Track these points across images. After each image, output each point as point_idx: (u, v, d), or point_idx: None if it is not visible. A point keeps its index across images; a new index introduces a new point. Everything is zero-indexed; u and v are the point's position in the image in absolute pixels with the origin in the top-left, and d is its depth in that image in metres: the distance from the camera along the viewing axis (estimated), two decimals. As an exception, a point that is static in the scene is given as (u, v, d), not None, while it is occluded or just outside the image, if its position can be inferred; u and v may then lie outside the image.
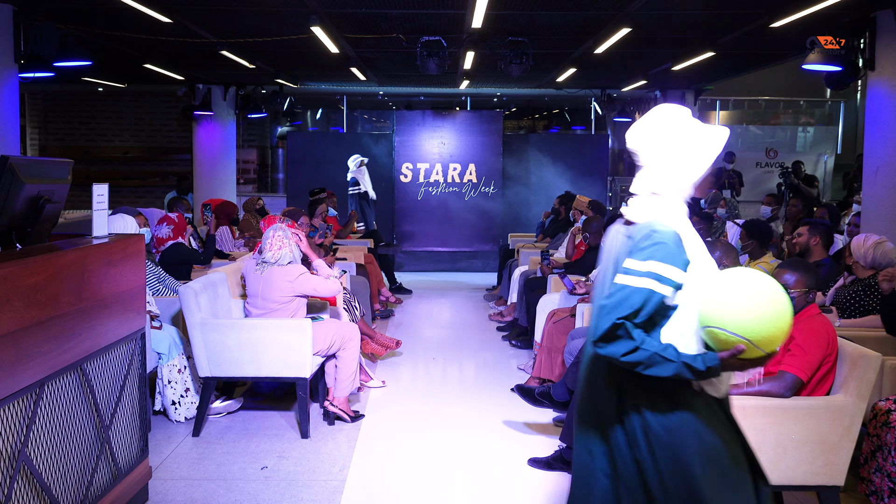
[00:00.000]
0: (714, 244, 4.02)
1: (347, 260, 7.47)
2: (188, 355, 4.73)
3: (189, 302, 4.41)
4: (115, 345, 3.28)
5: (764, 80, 12.88)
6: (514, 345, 6.79)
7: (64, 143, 13.31)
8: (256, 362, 4.44)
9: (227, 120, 11.23)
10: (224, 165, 11.26)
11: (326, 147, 11.54)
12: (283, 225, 4.74)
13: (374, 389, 5.47)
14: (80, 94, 13.12)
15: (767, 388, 3.29)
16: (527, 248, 8.52)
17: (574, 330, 4.90)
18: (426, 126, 11.14)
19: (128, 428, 3.43)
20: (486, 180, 11.13)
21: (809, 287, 3.39)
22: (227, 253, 7.20)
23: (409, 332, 7.41)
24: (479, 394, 5.47)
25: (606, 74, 10.08)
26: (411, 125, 11.14)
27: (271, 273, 4.56)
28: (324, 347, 4.64)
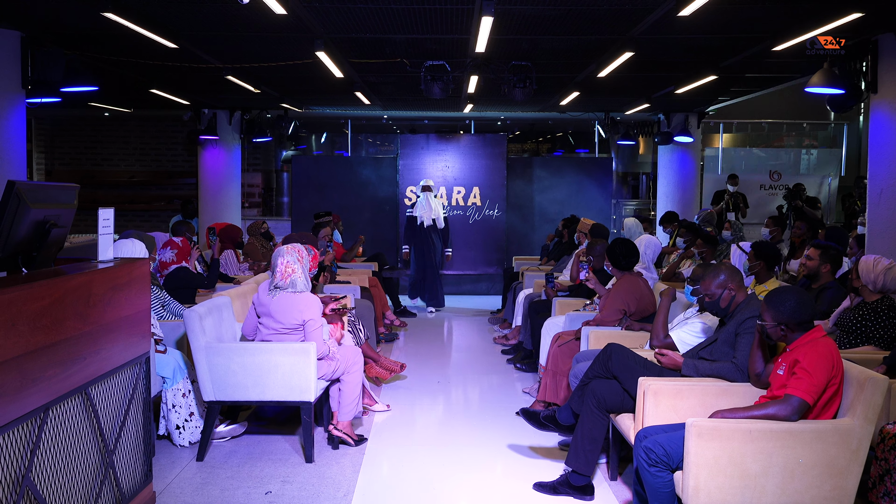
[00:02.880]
0: (718, 267, 4.03)
1: (352, 283, 7.47)
2: (192, 379, 4.72)
3: (193, 326, 4.41)
4: (120, 369, 3.29)
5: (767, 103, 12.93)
6: (518, 368, 6.77)
7: (70, 167, 13.40)
8: (261, 386, 4.44)
9: (232, 144, 11.30)
10: (229, 189, 11.32)
11: (331, 171, 11.59)
12: (290, 250, 4.65)
13: (378, 413, 5.45)
14: (86, 119, 13.23)
15: (774, 411, 3.28)
16: (531, 271, 8.52)
17: (579, 353, 4.88)
18: (430, 150, 11.19)
19: (132, 452, 3.42)
20: (491, 203, 11.16)
21: (779, 322, 3.40)
22: (231, 277, 7.21)
23: (413, 355, 7.39)
24: (484, 418, 5.44)
25: (609, 98, 10.14)
26: (415, 149, 11.20)
27: (282, 297, 4.55)
28: (328, 371, 4.63)
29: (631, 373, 3.97)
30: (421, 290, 9.76)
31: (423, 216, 9.58)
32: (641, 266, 6.21)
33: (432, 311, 9.69)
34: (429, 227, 9.59)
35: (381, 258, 9.55)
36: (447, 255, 9.83)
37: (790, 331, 3.41)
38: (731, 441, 3.21)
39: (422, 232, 9.59)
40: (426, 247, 9.66)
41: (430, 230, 9.60)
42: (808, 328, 3.41)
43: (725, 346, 3.87)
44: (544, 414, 4.60)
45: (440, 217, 9.67)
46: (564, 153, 16.25)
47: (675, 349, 4.33)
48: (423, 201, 9.59)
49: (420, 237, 9.60)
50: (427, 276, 9.67)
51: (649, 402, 3.67)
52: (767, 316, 3.44)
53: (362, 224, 11.27)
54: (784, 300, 3.40)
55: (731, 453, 3.20)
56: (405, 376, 6.49)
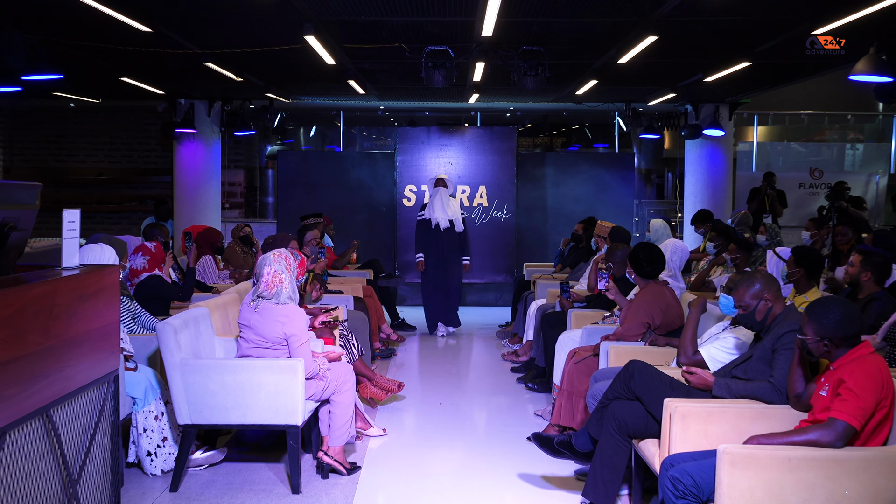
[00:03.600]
0: (753, 275, 4.02)
1: (344, 293, 7.47)
2: (166, 400, 4.72)
3: (167, 340, 4.41)
4: (86, 388, 3.28)
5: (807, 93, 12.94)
6: (530, 388, 6.76)
7: (31, 164, 13.44)
8: (242, 408, 4.43)
9: (211, 138, 11.33)
10: (208, 188, 11.34)
11: (321, 168, 11.61)
12: (276, 257, 4.62)
13: (373, 438, 5.44)
14: (49, 111, 13.27)
15: (816, 436, 3.27)
16: (544, 279, 8.52)
17: (598, 371, 4.88)
18: (431, 144, 11.21)
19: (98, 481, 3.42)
20: (499, 204, 11.17)
21: (822, 336, 3.39)
22: (210, 286, 7.21)
23: (412, 373, 7.38)
24: (492, 443, 5.43)
25: (631, 87, 10.14)
26: (415, 143, 11.21)
27: (264, 308, 4.55)
28: (317, 391, 4.63)
29: (656, 393, 3.96)
30: (441, 310, 9.09)
31: (438, 218, 8.90)
32: (667, 274, 6.21)
33: (444, 334, 9.13)
34: (445, 231, 8.92)
35: (376, 265, 9.55)
36: (465, 265, 9.09)
37: (834, 346, 3.40)
38: (769, 470, 3.19)
39: (437, 237, 8.92)
40: (445, 255, 8.98)
41: (447, 234, 8.94)
42: (854, 344, 3.41)
43: (761, 363, 3.86)
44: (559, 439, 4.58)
45: (458, 218, 8.99)
46: (581, 148, 16.27)
47: (705, 367, 4.32)
48: (436, 200, 8.93)
49: (436, 244, 8.95)
50: (450, 291, 9.05)
51: (676, 426, 3.66)
52: (809, 330, 3.44)
53: (356, 227, 11.28)
54: (827, 312, 3.40)
55: (769, 484, 3.19)
56: (403, 397, 6.48)
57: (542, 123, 16.21)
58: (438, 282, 9.03)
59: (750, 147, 13.56)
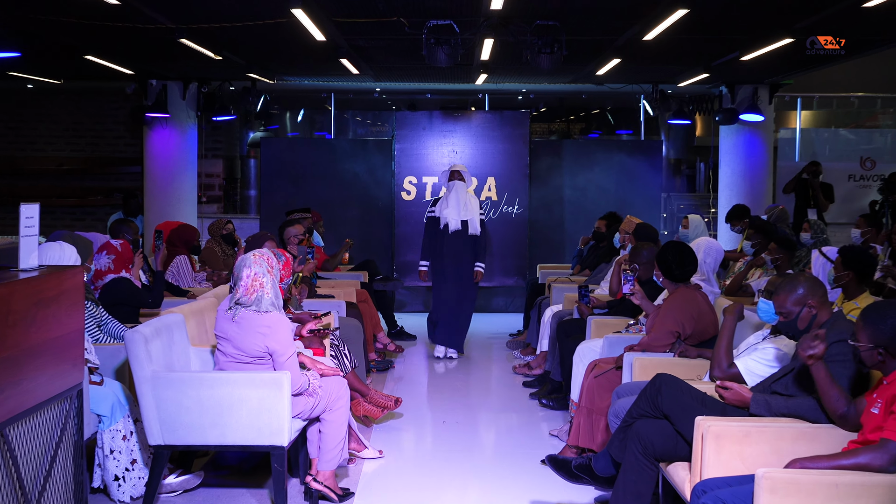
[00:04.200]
0: (796, 278, 4.01)
1: (336, 298, 7.48)
2: (135, 418, 4.73)
3: (137, 351, 4.42)
4: (46, 404, 3.29)
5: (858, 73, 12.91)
6: (544, 405, 6.77)
7: (-15, 152, 13.47)
8: (221, 427, 4.44)
9: (186, 124, 11.34)
10: (182, 180, 11.35)
11: (309, 157, 11.61)
12: (258, 258, 4.60)
13: (368, 461, 5.44)
14: (5, 93, 13.29)
15: (867, 460, 3.26)
16: (561, 282, 8.51)
17: (620, 386, 4.87)
18: (434, 131, 11.21)
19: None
20: (510, 198, 11.16)
21: (878, 344, 3.39)
22: (185, 289, 7.22)
23: (412, 388, 7.39)
24: (501, 467, 5.43)
25: (658, 66, 10.13)
26: (415, 129, 11.22)
27: (243, 317, 4.55)
28: (306, 408, 4.63)
29: (686, 411, 3.96)
30: (445, 328, 8.47)
31: (448, 217, 8.29)
32: (700, 277, 6.20)
33: (441, 356, 8.52)
34: (455, 234, 8.30)
35: (371, 266, 9.55)
36: (477, 272, 8.41)
37: (890, 356, 3.40)
38: (813, 498, 3.19)
39: (449, 241, 8.32)
40: (455, 264, 8.36)
41: (459, 238, 8.32)
42: (911, 355, 3.40)
43: (805, 377, 3.86)
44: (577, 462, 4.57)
45: (475, 219, 8.34)
46: (602, 135, 16.24)
47: (742, 381, 4.31)
48: (452, 196, 8.34)
49: (446, 249, 8.34)
50: (460, 309, 8.43)
51: (709, 447, 3.66)
52: (863, 336, 3.43)
53: (349, 224, 11.28)
54: (885, 317, 3.40)
55: (813, 513, 3.19)
56: (402, 414, 6.49)
57: (558, 107, 16.19)
58: (447, 296, 8.44)
59: (792, 134, 13.53)
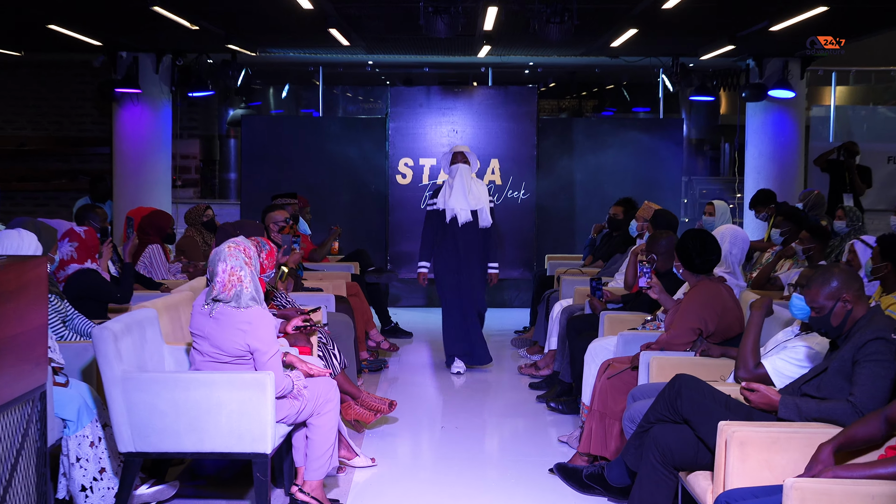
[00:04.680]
0: (830, 270, 4.01)
1: (324, 291, 7.48)
2: (104, 423, 4.73)
3: (106, 349, 4.42)
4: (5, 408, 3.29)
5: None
6: (553, 408, 6.77)
7: (-62, 132, 13.46)
8: (198, 432, 4.44)
9: (159, 100, 11.32)
10: (155, 162, 11.34)
11: (295, 137, 11.59)
12: (233, 250, 4.58)
13: (359, 470, 5.45)
14: (-40, 66, 13.28)
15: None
16: (571, 274, 8.51)
17: (636, 388, 4.88)
18: (432, 108, 11.19)
19: (21, 523, 3.42)
20: (515, 182, 11.15)
21: None
22: (158, 282, 7.22)
23: (407, 390, 7.39)
24: (506, 477, 5.44)
25: (679, 37, 10.11)
26: (412, 107, 11.19)
27: (221, 313, 4.54)
28: (291, 412, 4.63)
29: (708, 415, 3.96)
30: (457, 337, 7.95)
31: (457, 209, 7.75)
32: (724, 269, 6.19)
33: (459, 371, 7.92)
34: (465, 227, 7.78)
35: (363, 257, 9.54)
36: (492, 274, 7.98)
37: None
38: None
39: (455, 237, 7.79)
40: (464, 262, 7.82)
41: (468, 232, 7.80)
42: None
43: (839, 378, 3.86)
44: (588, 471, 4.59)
45: (485, 208, 7.82)
46: (617, 113, 16.23)
47: (770, 383, 4.31)
48: (456, 183, 7.78)
49: (451, 246, 7.81)
50: (469, 311, 7.92)
51: (733, 455, 3.66)
52: None
53: (338, 210, 11.27)
54: None
55: (847, 527, 3.19)
56: (396, 419, 6.50)
57: (568, 83, 16.17)
58: (454, 299, 7.92)
59: (826, 112, 13.52)
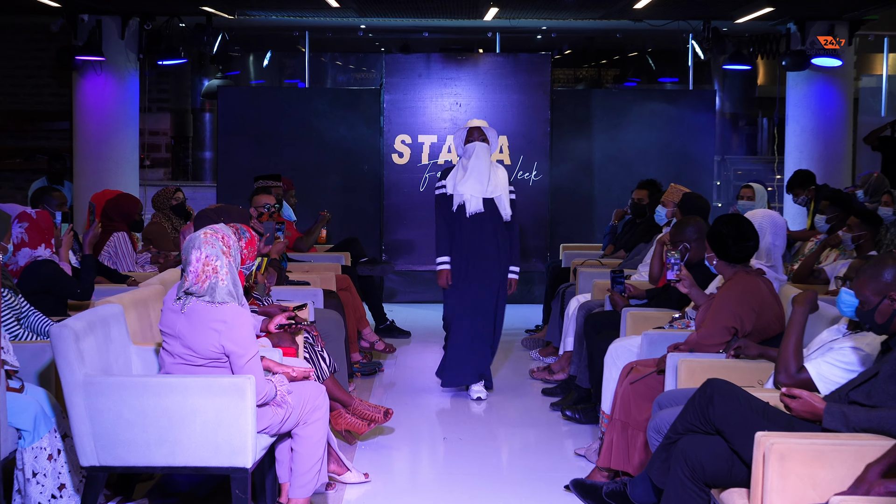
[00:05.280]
0: (882, 262, 3.99)
1: (311, 285, 7.48)
2: (64, 433, 4.73)
3: (66, 350, 4.41)
4: (-48, 416, 3.29)
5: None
6: (568, 417, 6.77)
7: None
8: (170, 444, 4.44)
9: (125, 69, 11.29)
10: (121, 139, 11.32)
11: (278, 110, 11.57)
12: (210, 237, 4.57)
13: (350, 486, 5.45)
14: None
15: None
16: (589, 266, 8.50)
17: (663, 394, 4.87)
18: (432, 78, 11.17)
19: (-30, 545, 3.43)
20: (526, 162, 11.14)
21: None
22: (124, 275, 7.22)
23: (405, 397, 7.39)
24: (516, 494, 5.44)
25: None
26: (409, 76, 11.18)
27: (194, 309, 4.53)
28: (274, 421, 4.63)
29: (743, 424, 3.95)
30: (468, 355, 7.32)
31: (466, 195, 7.14)
32: (765, 262, 6.18)
33: (480, 397, 7.38)
34: (476, 219, 7.18)
35: (354, 246, 9.53)
36: (511, 280, 7.35)
37: None
38: (901, 532, 3.19)
39: (466, 229, 7.20)
40: (475, 260, 7.25)
41: (482, 224, 7.20)
42: None
43: (891, 384, 3.85)
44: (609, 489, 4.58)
45: (503, 196, 7.20)
46: (641, 84, 16.20)
47: (813, 388, 4.31)
48: (473, 164, 7.14)
49: (464, 240, 7.24)
50: (482, 324, 7.31)
51: (772, 469, 3.66)
52: None
53: (327, 193, 11.27)
54: None
55: (901, 551, 3.20)
56: (393, 429, 6.50)
57: (586, 49, 16.13)
58: (460, 311, 7.36)
59: (878, 82, 13.49)
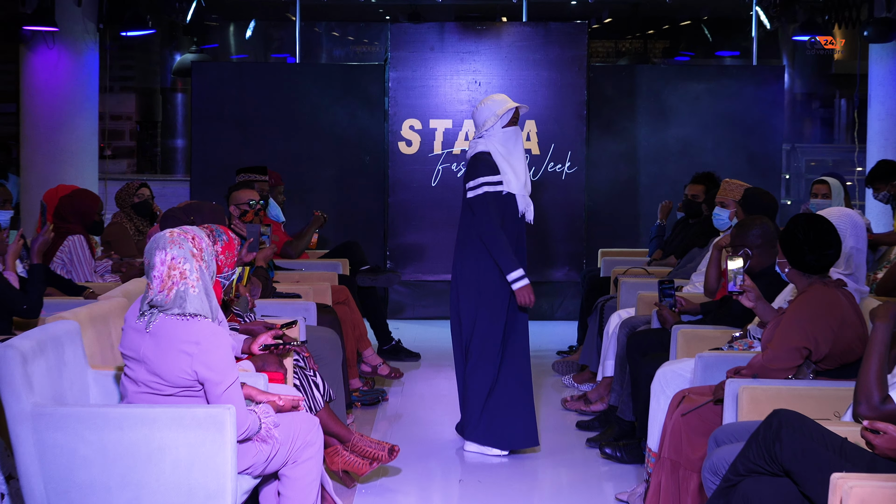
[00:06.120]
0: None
1: (302, 298, 7.49)
2: (8, 474, 4.74)
3: (11, 375, 4.42)
4: None
5: None
6: (608, 455, 6.77)
7: None
8: (134, 487, 4.44)
9: (83, 42, 11.34)
10: (77, 125, 11.36)
11: (265, 90, 11.59)
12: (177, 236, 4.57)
13: (349, 538, 5.48)
14: None
15: None
16: (633, 275, 8.50)
17: (720, 429, 4.86)
18: (446, 52, 11.18)
19: None
20: (558, 152, 11.14)
21: None
22: (80, 285, 7.23)
23: (413, 431, 7.40)
24: (545, 547, 5.46)
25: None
26: (420, 50, 11.18)
27: (164, 328, 4.53)
28: (258, 460, 4.64)
29: (816, 464, 3.95)
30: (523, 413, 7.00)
31: (520, 195, 7.11)
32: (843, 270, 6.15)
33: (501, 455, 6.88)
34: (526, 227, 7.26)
35: (354, 252, 9.53)
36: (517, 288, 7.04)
37: None
38: None
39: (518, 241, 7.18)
40: None
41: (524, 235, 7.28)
42: None
43: None
44: (657, 541, 4.56)
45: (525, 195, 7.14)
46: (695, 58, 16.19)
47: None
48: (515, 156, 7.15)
49: (521, 253, 7.19)
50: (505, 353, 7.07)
51: (852, 519, 3.65)
52: None
53: (321, 190, 11.30)
54: None
55: None
56: (399, 470, 6.50)
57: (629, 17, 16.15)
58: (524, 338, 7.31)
59: (977, 57, 13.45)
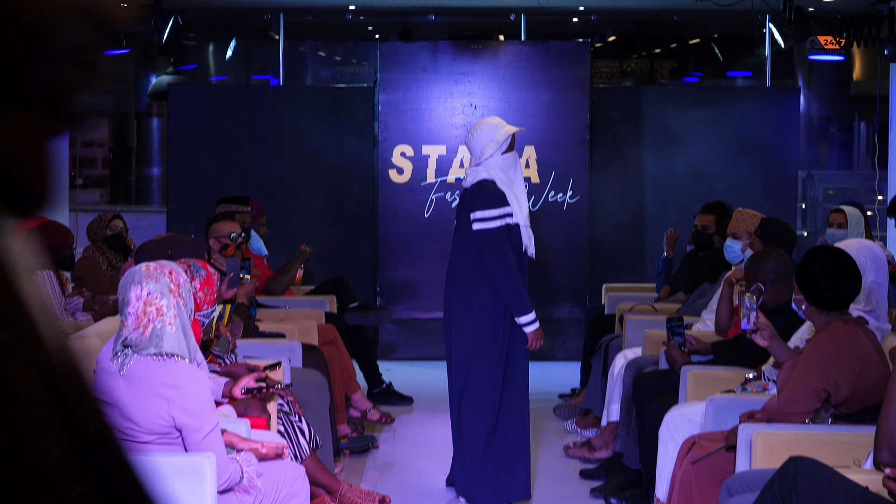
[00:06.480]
0: None
1: (287, 338, 7.50)
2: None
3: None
4: None
5: None
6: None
7: None
8: (108, 541, 4.46)
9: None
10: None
11: (246, 114, 11.61)
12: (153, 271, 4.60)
13: None
14: None
15: None
16: (639, 312, 8.52)
17: (733, 477, 4.88)
18: (440, 73, 11.22)
19: None
20: (559, 179, 11.16)
21: None
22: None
23: (405, 480, 7.40)
24: None
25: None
26: (411, 72, 11.22)
27: (139, 370, 4.55)
28: (240, 512, 4.65)
29: (837, 517, 3.97)
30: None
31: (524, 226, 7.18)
32: (863, 306, 6.17)
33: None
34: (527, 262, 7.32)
35: (341, 288, 9.53)
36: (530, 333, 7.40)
37: None
38: None
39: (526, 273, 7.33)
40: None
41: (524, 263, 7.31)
42: None
43: None
44: None
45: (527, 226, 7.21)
46: (704, 79, 16.25)
47: (926, 470, 4.32)
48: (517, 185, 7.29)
49: None
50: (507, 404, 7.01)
51: (874, 575, 3.67)
52: None
53: (307, 221, 11.30)
54: None
55: None
56: (391, 522, 6.51)
57: (634, 35, 16.21)
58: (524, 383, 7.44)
59: None
